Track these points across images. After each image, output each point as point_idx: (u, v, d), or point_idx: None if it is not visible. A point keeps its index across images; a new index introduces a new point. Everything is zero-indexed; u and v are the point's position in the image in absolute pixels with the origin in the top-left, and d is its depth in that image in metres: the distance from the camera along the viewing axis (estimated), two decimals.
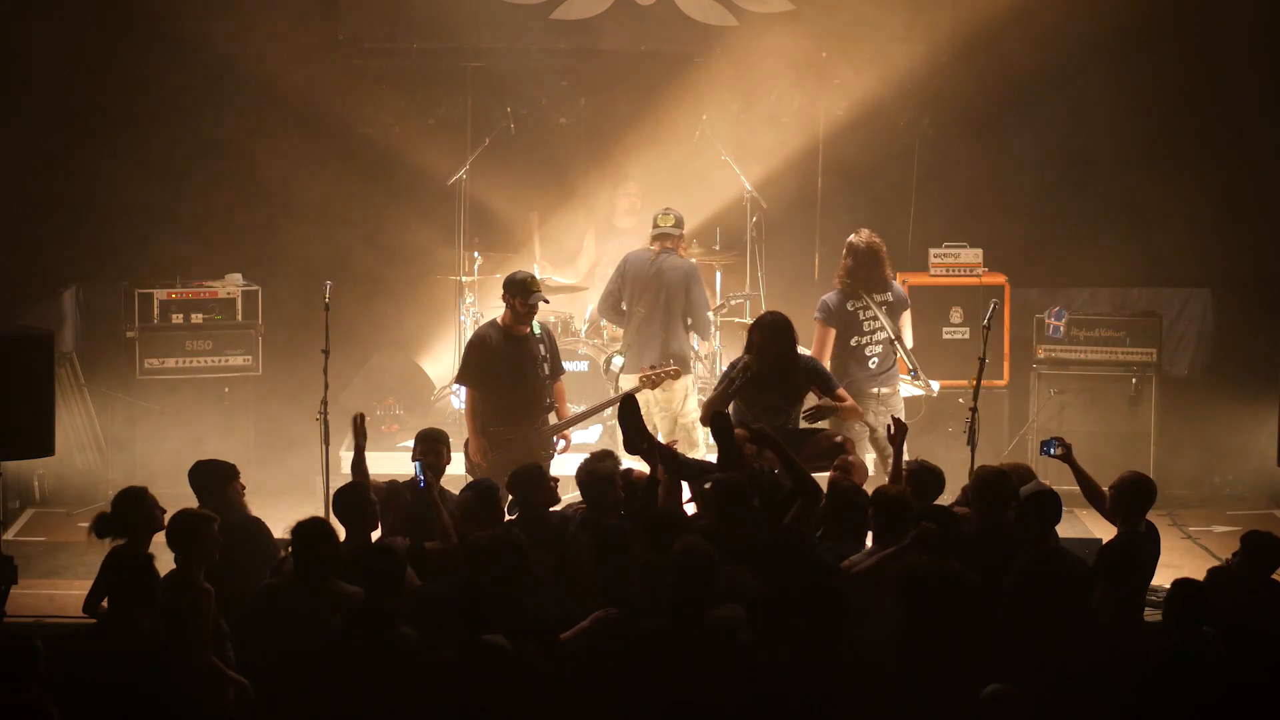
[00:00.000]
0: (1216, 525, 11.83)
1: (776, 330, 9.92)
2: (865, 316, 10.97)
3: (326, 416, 10.48)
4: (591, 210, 13.61)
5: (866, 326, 10.97)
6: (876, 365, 10.93)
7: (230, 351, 12.60)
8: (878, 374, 10.91)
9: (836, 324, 10.94)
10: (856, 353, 10.93)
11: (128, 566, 7.34)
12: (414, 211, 13.60)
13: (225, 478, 8.55)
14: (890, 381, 10.97)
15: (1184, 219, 13.05)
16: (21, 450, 9.43)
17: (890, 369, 10.97)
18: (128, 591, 7.26)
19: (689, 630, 7.12)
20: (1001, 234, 13.13)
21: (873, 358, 10.94)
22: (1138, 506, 8.37)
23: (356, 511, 8.18)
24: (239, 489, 8.60)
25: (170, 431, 12.29)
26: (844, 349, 10.94)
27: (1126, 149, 13.38)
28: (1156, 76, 13.28)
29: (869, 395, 10.84)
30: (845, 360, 10.92)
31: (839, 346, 10.94)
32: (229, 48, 13.09)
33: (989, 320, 10.23)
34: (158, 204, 13.19)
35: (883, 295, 11.01)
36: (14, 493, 11.61)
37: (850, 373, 10.86)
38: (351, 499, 8.24)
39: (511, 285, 10.37)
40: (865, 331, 10.96)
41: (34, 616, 9.28)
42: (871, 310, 10.96)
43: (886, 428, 9.81)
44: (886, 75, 13.41)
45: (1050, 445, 9.05)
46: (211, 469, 8.60)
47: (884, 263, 11.08)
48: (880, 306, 10.97)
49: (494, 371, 10.36)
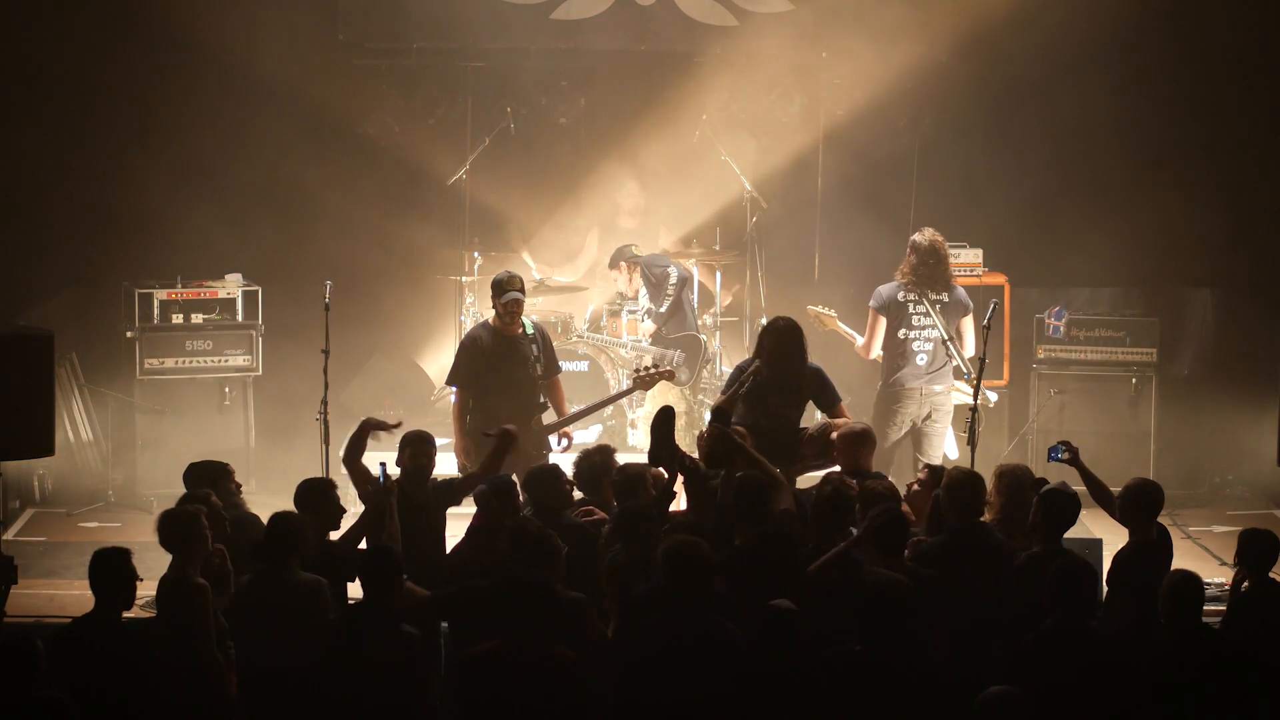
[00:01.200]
0: (1216, 525, 11.83)
1: (786, 336, 9.92)
2: (916, 311, 10.96)
3: (326, 416, 10.48)
4: (592, 210, 13.61)
5: (916, 321, 10.94)
6: (926, 362, 10.90)
7: (230, 351, 12.60)
8: (925, 371, 10.90)
9: (887, 314, 10.98)
10: (904, 346, 10.93)
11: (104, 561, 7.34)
12: (414, 211, 13.61)
13: (219, 476, 8.55)
14: (941, 379, 10.93)
15: (1184, 219, 13.03)
16: (21, 450, 9.41)
17: (942, 368, 10.92)
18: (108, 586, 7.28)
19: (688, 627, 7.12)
20: (1001, 234, 13.13)
21: (921, 354, 10.90)
22: (1148, 513, 8.33)
23: (316, 505, 8.21)
24: (234, 487, 8.60)
25: (170, 431, 12.30)
26: (892, 340, 10.96)
27: (1126, 149, 13.37)
28: (1156, 76, 13.27)
29: (913, 390, 10.86)
30: (892, 353, 10.95)
31: (889, 337, 10.98)
32: (229, 48, 13.07)
33: (989, 320, 10.23)
34: (158, 204, 13.19)
35: (939, 294, 10.98)
36: (14, 493, 11.62)
37: (896, 366, 10.91)
38: (314, 492, 8.27)
39: (491, 285, 10.47)
40: (915, 326, 10.94)
41: (34, 616, 9.27)
42: (924, 306, 10.95)
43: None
44: (886, 75, 13.41)
45: (1057, 450, 9.03)
46: (205, 469, 8.60)
47: (945, 262, 11.07)
48: (935, 305, 10.95)
49: (483, 371, 10.37)
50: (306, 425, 11.03)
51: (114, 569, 7.31)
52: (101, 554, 7.38)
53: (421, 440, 9.06)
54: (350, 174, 13.55)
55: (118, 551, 7.37)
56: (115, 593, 7.28)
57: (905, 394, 10.82)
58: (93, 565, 7.36)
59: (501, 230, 13.68)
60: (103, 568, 7.33)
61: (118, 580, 7.29)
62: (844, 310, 13.49)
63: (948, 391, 10.99)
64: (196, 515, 7.68)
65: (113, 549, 7.39)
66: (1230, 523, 11.76)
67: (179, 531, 7.60)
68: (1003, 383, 12.51)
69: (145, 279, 12.61)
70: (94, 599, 7.33)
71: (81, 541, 11.33)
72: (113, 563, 7.33)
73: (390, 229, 13.59)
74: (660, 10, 13.61)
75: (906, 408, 10.88)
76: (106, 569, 7.32)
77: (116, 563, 7.32)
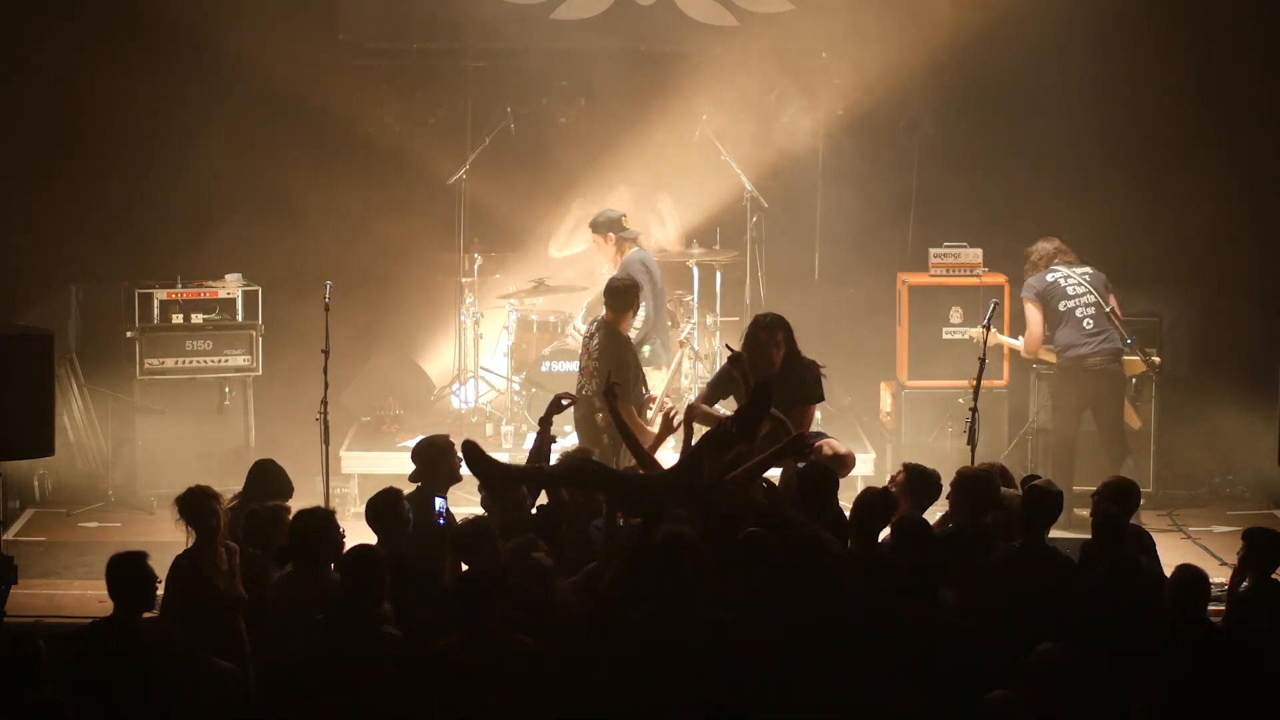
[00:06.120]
0: (1216, 525, 11.83)
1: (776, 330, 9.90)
2: (1069, 283, 11.44)
3: (326, 416, 10.49)
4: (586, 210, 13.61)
5: (1071, 291, 11.42)
6: (1092, 326, 11.36)
7: (230, 351, 12.59)
8: (1091, 335, 11.37)
9: (1043, 297, 11.42)
10: (1068, 316, 11.42)
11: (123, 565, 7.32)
12: (414, 211, 13.60)
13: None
14: (1110, 342, 11.42)
15: (1184, 218, 13.04)
16: (21, 450, 9.42)
17: (1107, 334, 11.39)
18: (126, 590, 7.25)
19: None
20: (1001, 234, 13.12)
21: (1086, 319, 11.37)
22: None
23: (387, 521, 8.06)
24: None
25: (170, 431, 12.29)
26: (1055, 316, 11.41)
27: (1126, 148, 13.38)
28: (1156, 76, 13.27)
29: (1088, 361, 11.37)
30: (1059, 327, 11.40)
31: (1051, 316, 11.40)
32: (229, 48, 13.07)
33: (989, 320, 10.24)
34: (158, 204, 13.19)
35: (1082, 268, 11.49)
36: (14, 493, 11.61)
37: (1065, 339, 11.37)
38: (383, 507, 8.09)
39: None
40: (1072, 296, 11.41)
41: (34, 616, 9.25)
42: (1074, 278, 11.44)
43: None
44: (886, 75, 13.41)
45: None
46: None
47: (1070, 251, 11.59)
48: (1083, 276, 11.45)
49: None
50: (306, 425, 11.02)
51: (131, 573, 7.28)
52: (118, 559, 7.33)
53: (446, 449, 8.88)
54: (350, 174, 13.55)
55: (134, 555, 7.34)
56: (133, 597, 7.24)
57: (1082, 367, 11.36)
58: (109, 570, 7.30)
59: (502, 230, 13.67)
60: (120, 572, 7.29)
61: (136, 584, 7.25)
62: (845, 310, 13.57)
63: (1118, 357, 11.46)
64: (210, 493, 7.74)
65: (129, 553, 7.36)
66: (1230, 523, 11.76)
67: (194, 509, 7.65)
68: (1002, 383, 12.51)
69: (145, 279, 12.60)
70: (113, 604, 7.29)
71: (81, 541, 11.34)
72: (130, 567, 7.30)
73: (390, 229, 13.58)
74: (660, 10, 13.62)
75: (1084, 383, 11.38)
76: (124, 573, 7.28)
77: (133, 566, 7.29)
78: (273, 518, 8.07)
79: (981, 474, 8.46)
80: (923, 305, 12.48)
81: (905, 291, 12.55)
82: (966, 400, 10.36)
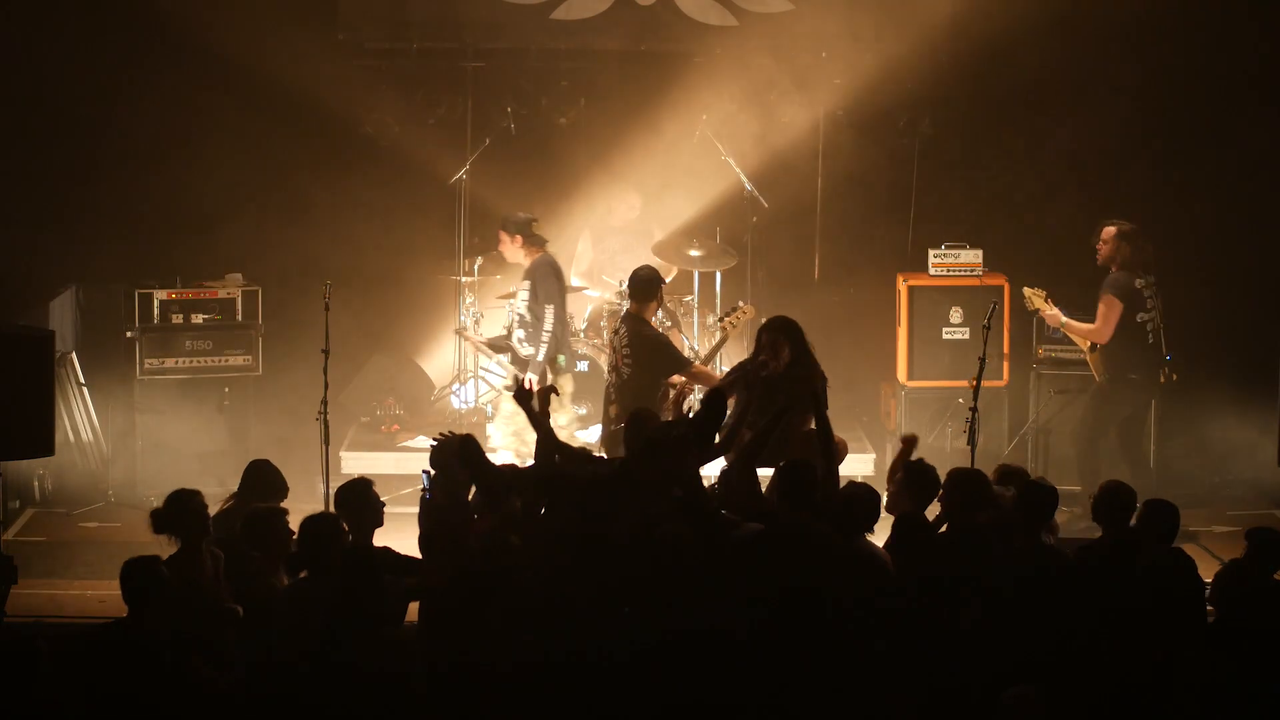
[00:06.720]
0: (1216, 525, 11.82)
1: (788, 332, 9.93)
2: (1148, 295, 11.46)
3: (326, 416, 10.49)
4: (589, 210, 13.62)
5: (1149, 305, 11.45)
6: (1152, 341, 11.43)
7: (230, 351, 12.59)
8: (1157, 351, 11.46)
9: (1126, 301, 11.37)
10: (1139, 329, 11.41)
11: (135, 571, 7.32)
12: (414, 211, 13.61)
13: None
14: (1162, 362, 11.53)
15: (1184, 218, 13.04)
16: (21, 450, 9.43)
17: (1160, 348, 11.50)
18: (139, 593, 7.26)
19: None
20: (1001, 234, 13.13)
21: (1150, 333, 11.42)
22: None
23: (358, 508, 8.12)
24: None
25: (170, 431, 12.29)
26: (1128, 324, 11.39)
27: (1126, 148, 13.38)
28: (1156, 75, 13.28)
29: (1153, 379, 11.46)
30: (1128, 337, 11.39)
31: (1123, 321, 11.37)
32: (229, 47, 13.07)
33: (989, 320, 10.25)
34: (158, 204, 13.19)
35: (1150, 276, 11.49)
36: (14, 493, 11.60)
37: (1135, 355, 11.40)
38: (354, 495, 8.16)
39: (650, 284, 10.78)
40: (1148, 309, 11.45)
41: (34, 616, 9.27)
42: (1150, 290, 11.46)
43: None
44: (886, 75, 13.41)
45: None
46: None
47: (1144, 245, 11.55)
48: (1152, 287, 11.46)
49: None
50: (306, 425, 11.02)
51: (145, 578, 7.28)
52: (132, 564, 7.33)
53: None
54: (350, 174, 13.56)
55: (147, 560, 7.35)
56: (147, 602, 7.24)
57: (1151, 383, 11.48)
58: (124, 575, 7.30)
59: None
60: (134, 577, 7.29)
61: (150, 589, 7.26)
62: (845, 311, 13.57)
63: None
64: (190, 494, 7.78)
65: (143, 558, 7.37)
66: (1230, 523, 11.75)
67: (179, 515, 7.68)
68: (1002, 383, 12.51)
69: (145, 279, 12.60)
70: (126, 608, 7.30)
71: (81, 541, 11.34)
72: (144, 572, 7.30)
73: (390, 229, 13.59)
74: (660, 10, 13.62)
75: (1141, 399, 11.53)
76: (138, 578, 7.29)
77: (147, 571, 7.30)
78: (271, 519, 8.06)
79: (973, 473, 8.46)
80: (923, 305, 12.48)
81: (905, 292, 12.54)
82: (966, 400, 10.37)
